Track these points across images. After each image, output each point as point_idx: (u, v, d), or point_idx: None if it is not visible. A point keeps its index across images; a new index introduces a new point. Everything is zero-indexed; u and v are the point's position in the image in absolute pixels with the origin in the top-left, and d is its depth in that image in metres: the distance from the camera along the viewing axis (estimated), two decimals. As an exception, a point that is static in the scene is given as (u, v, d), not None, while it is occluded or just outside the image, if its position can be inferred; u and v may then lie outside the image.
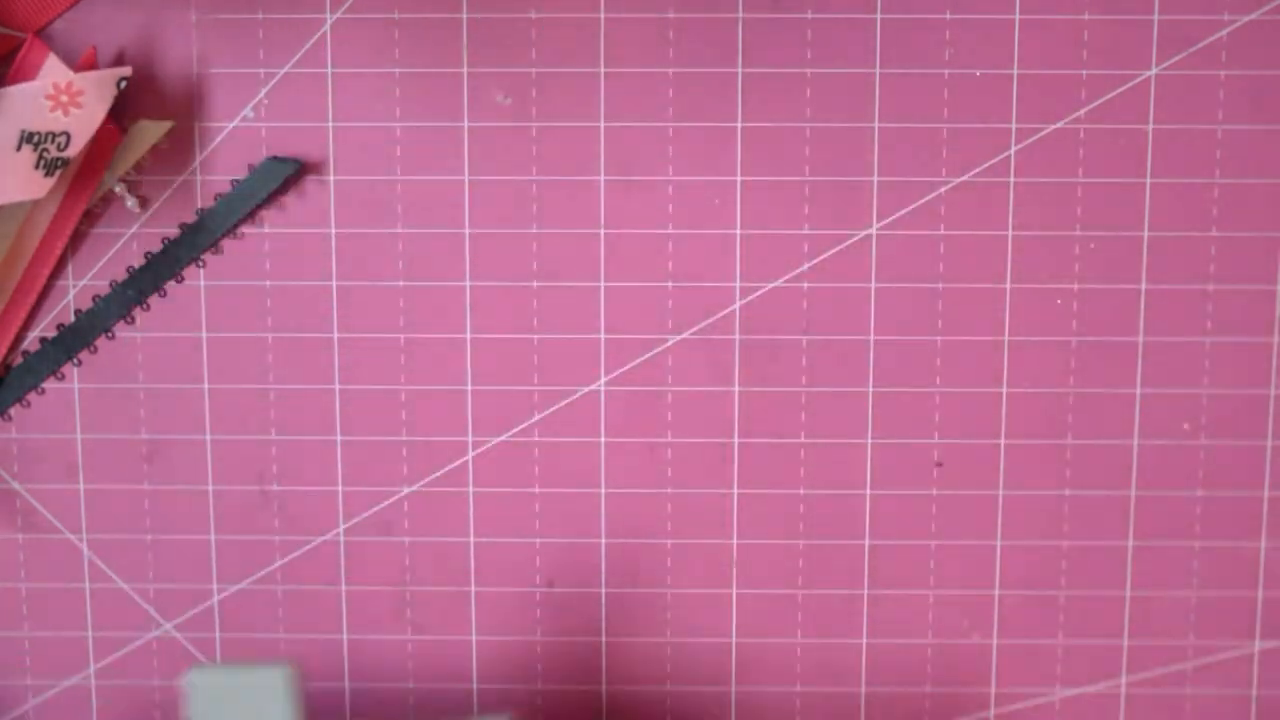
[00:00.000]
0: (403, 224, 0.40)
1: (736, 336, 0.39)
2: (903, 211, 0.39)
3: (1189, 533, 0.40)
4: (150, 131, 0.39)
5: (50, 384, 0.40)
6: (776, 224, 0.39)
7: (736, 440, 0.40)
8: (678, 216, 0.39)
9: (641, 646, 0.41)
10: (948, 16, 0.39)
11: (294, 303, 0.40)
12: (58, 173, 0.37)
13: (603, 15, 0.39)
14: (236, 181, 0.39)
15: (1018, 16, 0.39)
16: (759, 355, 0.40)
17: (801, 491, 0.40)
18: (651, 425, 0.40)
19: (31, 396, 0.40)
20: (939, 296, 0.39)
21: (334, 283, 0.40)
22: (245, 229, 0.40)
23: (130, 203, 0.40)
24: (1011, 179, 0.39)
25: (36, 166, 0.37)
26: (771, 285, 0.39)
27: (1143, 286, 0.39)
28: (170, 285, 0.40)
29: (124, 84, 0.38)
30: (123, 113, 0.39)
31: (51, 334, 0.40)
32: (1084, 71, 0.39)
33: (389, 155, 0.39)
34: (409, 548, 0.41)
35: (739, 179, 0.39)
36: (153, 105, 0.39)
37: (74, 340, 0.40)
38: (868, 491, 0.40)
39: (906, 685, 0.40)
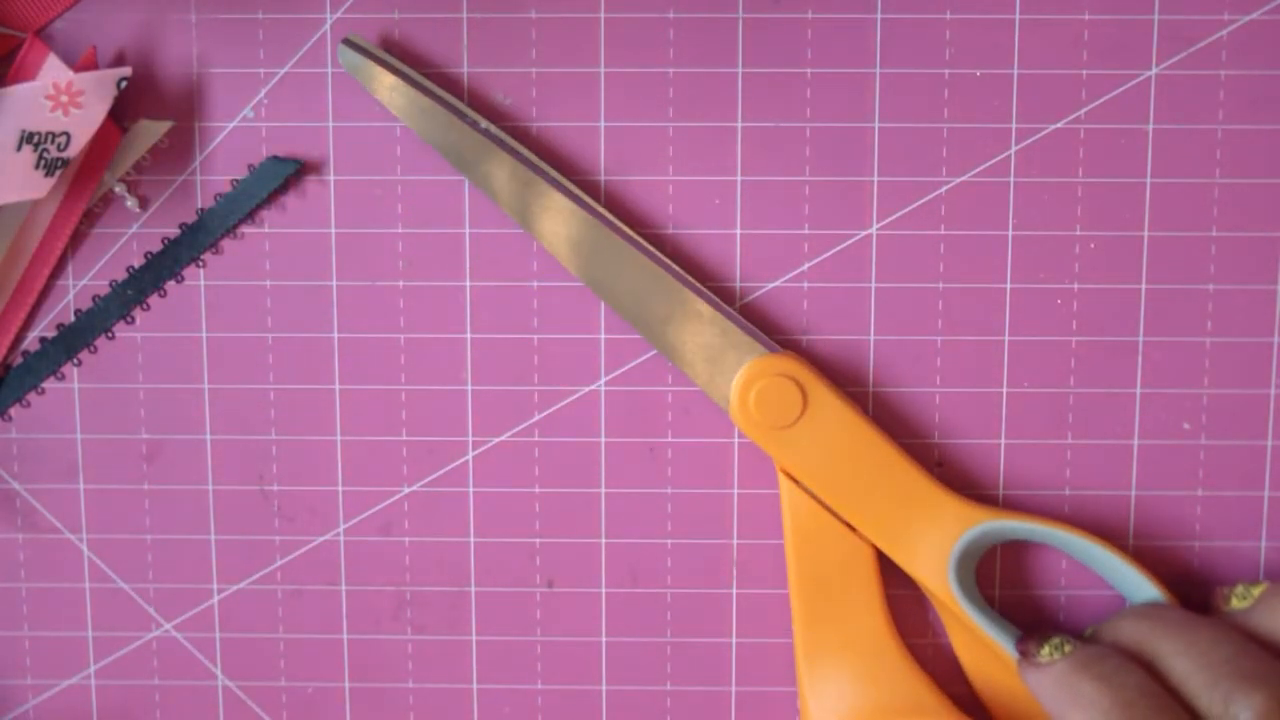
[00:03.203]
0: (403, 224, 0.40)
1: (736, 336, 0.39)
2: (903, 211, 0.39)
3: (1189, 532, 0.40)
4: (150, 131, 0.39)
5: (50, 384, 0.40)
6: (776, 224, 0.39)
7: (736, 440, 0.40)
8: (678, 216, 0.39)
9: (641, 646, 0.41)
10: (948, 16, 0.39)
11: (294, 303, 0.40)
12: (58, 173, 0.37)
13: (603, 15, 0.39)
14: (236, 181, 0.39)
15: (1018, 16, 0.39)
16: (759, 355, 0.40)
17: (801, 491, 0.40)
18: (651, 425, 0.40)
19: (31, 396, 0.40)
20: (939, 296, 0.39)
21: (334, 283, 0.40)
22: (245, 229, 0.40)
23: (130, 203, 0.40)
24: (1011, 179, 0.39)
25: (36, 166, 0.37)
26: (771, 285, 0.40)
27: (1143, 286, 0.39)
28: (170, 285, 0.40)
29: (124, 84, 0.38)
30: (123, 113, 0.39)
31: (51, 334, 0.40)
32: (1084, 71, 0.39)
33: (389, 155, 0.39)
34: (409, 548, 0.41)
35: (739, 179, 0.39)
36: (153, 105, 0.39)
37: (74, 340, 0.40)
38: (868, 491, 0.40)
39: (906, 685, 0.40)
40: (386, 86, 0.38)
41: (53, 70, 0.38)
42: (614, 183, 0.39)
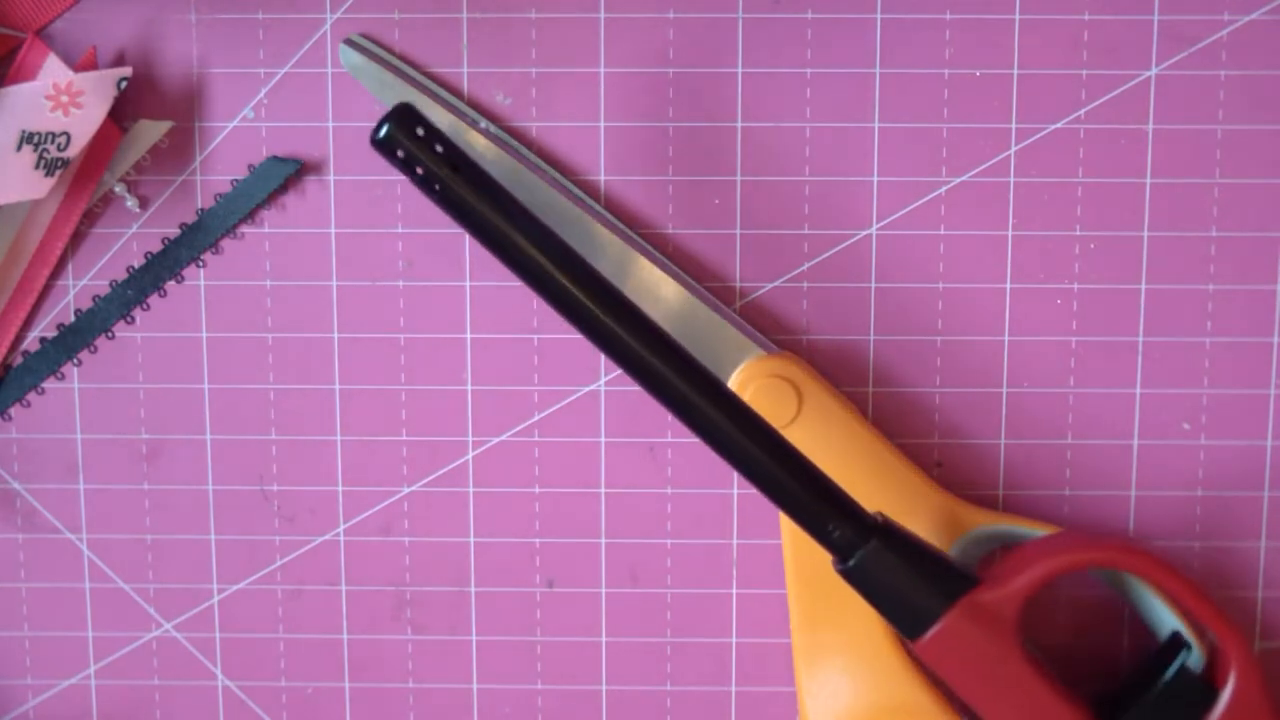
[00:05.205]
0: (403, 224, 0.40)
1: (736, 336, 0.39)
2: (903, 211, 0.39)
3: (1189, 532, 0.40)
4: (150, 131, 0.39)
5: (50, 384, 0.40)
6: (776, 224, 0.39)
7: (736, 440, 0.40)
8: (677, 216, 0.39)
9: (641, 646, 0.41)
10: (948, 16, 0.39)
11: (294, 303, 0.40)
12: (58, 173, 0.37)
13: (603, 15, 0.39)
14: (236, 181, 0.39)
15: (1018, 16, 0.39)
16: (759, 355, 0.40)
17: (801, 491, 0.40)
18: (651, 425, 0.40)
19: (31, 396, 0.40)
20: (939, 296, 0.39)
21: (334, 283, 0.40)
22: (245, 229, 0.40)
23: (130, 203, 0.40)
24: (1011, 179, 0.39)
25: (36, 166, 0.37)
26: (772, 285, 0.40)
27: (1143, 286, 0.39)
28: (170, 285, 0.40)
29: (124, 84, 0.38)
30: (123, 113, 0.39)
31: (51, 334, 0.40)
32: (1084, 71, 0.39)
33: (389, 155, 0.39)
34: (409, 548, 0.41)
35: (739, 179, 0.39)
36: (153, 105, 0.39)
37: (74, 340, 0.40)
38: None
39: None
40: (387, 86, 0.38)
41: (53, 70, 0.38)
42: (614, 183, 0.39)
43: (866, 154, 0.39)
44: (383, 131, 0.33)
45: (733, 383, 0.38)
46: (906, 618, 0.35)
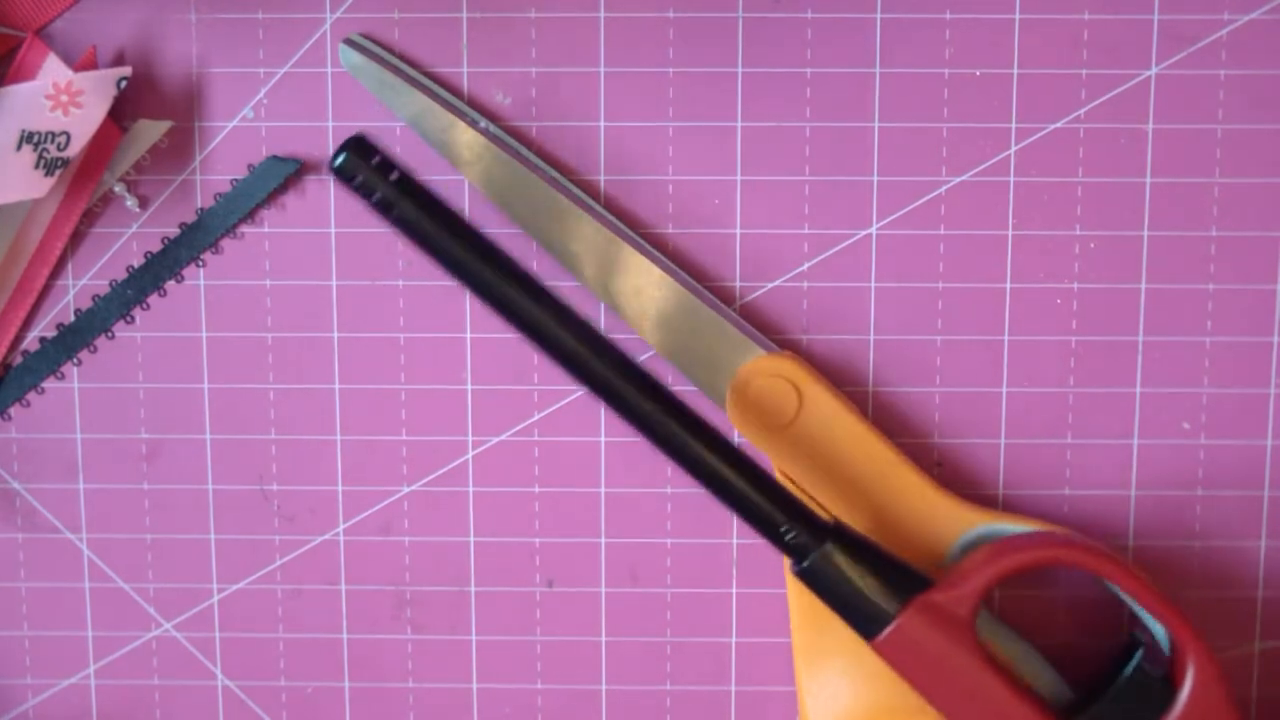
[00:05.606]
0: (403, 224, 0.40)
1: (736, 336, 0.39)
2: (903, 211, 0.39)
3: (1189, 532, 0.40)
4: (150, 131, 0.39)
5: (50, 384, 0.40)
6: (776, 224, 0.39)
7: (737, 439, 0.40)
8: (678, 216, 0.39)
9: (641, 646, 0.41)
10: (948, 16, 0.39)
11: (294, 303, 0.40)
12: (58, 173, 0.37)
13: (603, 15, 0.39)
14: (236, 181, 0.39)
15: (1018, 16, 0.39)
16: (759, 355, 0.40)
17: (801, 491, 0.40)
18: (651, 425, 0.40)
19: (31, 396, 0.40)
20: (939, 296, 0.39)
21: (334, 283, 0.40)
22: (245, 229, 0.40)
23: (130, 203, 0.40)
24: (1011, 179, 0.39)
25: (36, 166, 0.37)
26: (771, 285, 0.40)
27: (1143, 286, 0.39)
28: (170, 285, 0.40)
29: (124, 84, 0.38)
30: (123, 113, 0.39)
31: (51, 334, 0.40)
32: (1084, 71, 0.39)
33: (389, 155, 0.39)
34: (409, 548, 0.41)
35: (739, 179, 0.39)
36: (153, 105, 0.39)
37: (74, 340, 0.40)
38: (868, 491, 0.40)
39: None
40: (387, 86, 0.38)
41: (53, 70, 0.38)
42: (614, 183, 0.39)
43: (866, 154, 0.39)
44: (339, 160, 0.33)
45: (733, 383, 0.38)
46: (862, 618, 0.35)
